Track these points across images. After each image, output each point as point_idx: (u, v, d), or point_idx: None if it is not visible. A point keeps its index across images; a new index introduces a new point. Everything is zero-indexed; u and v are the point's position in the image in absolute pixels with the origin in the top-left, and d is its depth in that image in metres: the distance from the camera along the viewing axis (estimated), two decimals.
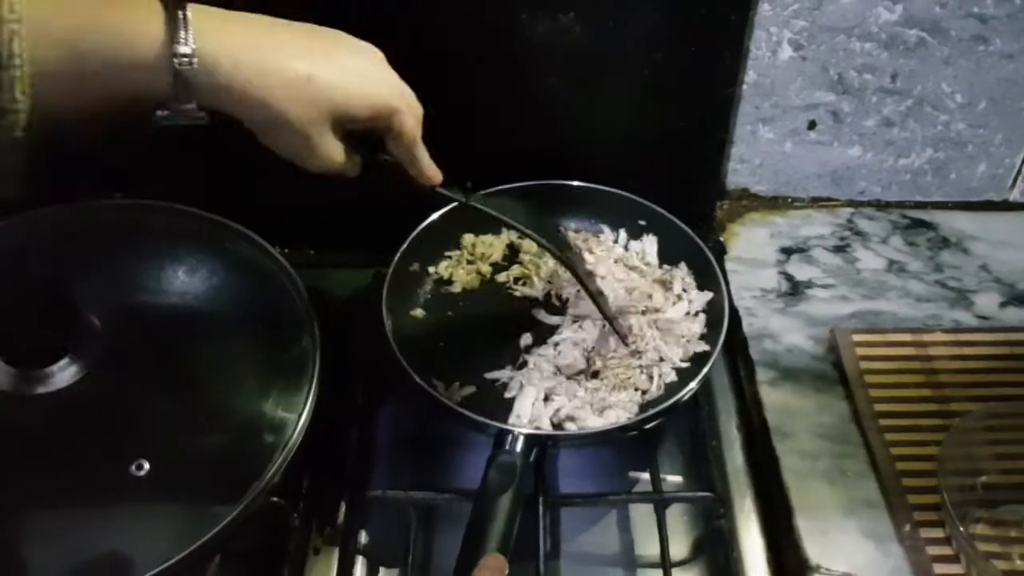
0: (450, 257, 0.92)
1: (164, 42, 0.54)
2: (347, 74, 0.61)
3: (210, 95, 0.57)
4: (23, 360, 0.64)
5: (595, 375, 0.83)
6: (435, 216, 0.90)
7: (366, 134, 0.65)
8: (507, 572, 0.62)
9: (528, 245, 0.94)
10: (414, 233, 0.88)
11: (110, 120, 0.56)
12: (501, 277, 0.92)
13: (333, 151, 0.63)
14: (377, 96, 0.62)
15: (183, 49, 0.54)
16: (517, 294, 0.90)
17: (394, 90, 0.64)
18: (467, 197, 0.74)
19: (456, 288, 0.91)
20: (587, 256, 0.92)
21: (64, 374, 0.64)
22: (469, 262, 0.92)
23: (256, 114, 0.59)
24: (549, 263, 0.92)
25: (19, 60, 0.50)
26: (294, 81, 0.58)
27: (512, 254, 0.94)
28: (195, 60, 0.55)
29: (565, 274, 0.88)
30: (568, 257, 0.79)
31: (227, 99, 0.58)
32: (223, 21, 0.58)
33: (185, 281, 0.75)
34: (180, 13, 0.55)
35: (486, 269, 0.92)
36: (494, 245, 0.93)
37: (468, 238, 0.93)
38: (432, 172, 0.69)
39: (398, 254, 0.87)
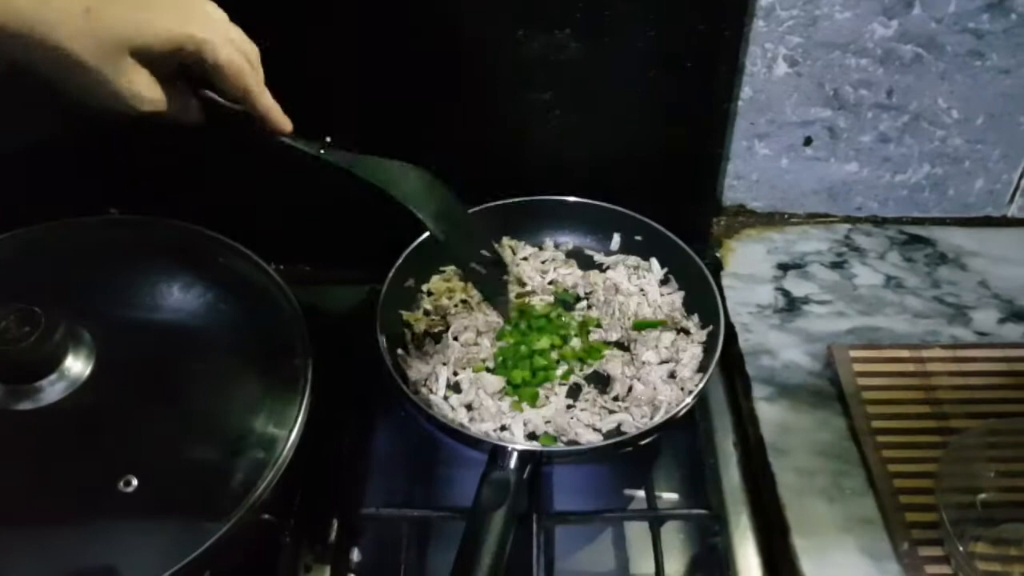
0: (443, 271, 0.92)
1: None
2: (137, 7, 0.56)
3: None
4: (12, 375, 0.63)
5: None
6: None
7: (188, 71, 0.60)
8: None
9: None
10: (408, 249, 0.88)
11: None
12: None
13: (142, 88, 0.58)
14: (172, 27, 0.57)
15: None
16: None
17: (200, 20, 0.59)
18: (319, 150, 0.65)
19: (448, 303, 0.90)
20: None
21: (54, 389, 0.64)
22: (462, 279, 0.92)
23: (35, 55, 0.55)
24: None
25: None
26: (70, 15, 0.54)
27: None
28: None
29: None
30: (456, 253, 0.71)
31: (15, 51, 0.54)
32: None
33: (179, 297, 0.75)
34: None
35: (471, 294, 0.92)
36: None
37: None
38: (276, 117, 0.64)
39: (392, 270, 0.87)
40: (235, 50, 0.60)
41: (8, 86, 0.57)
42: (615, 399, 0.82)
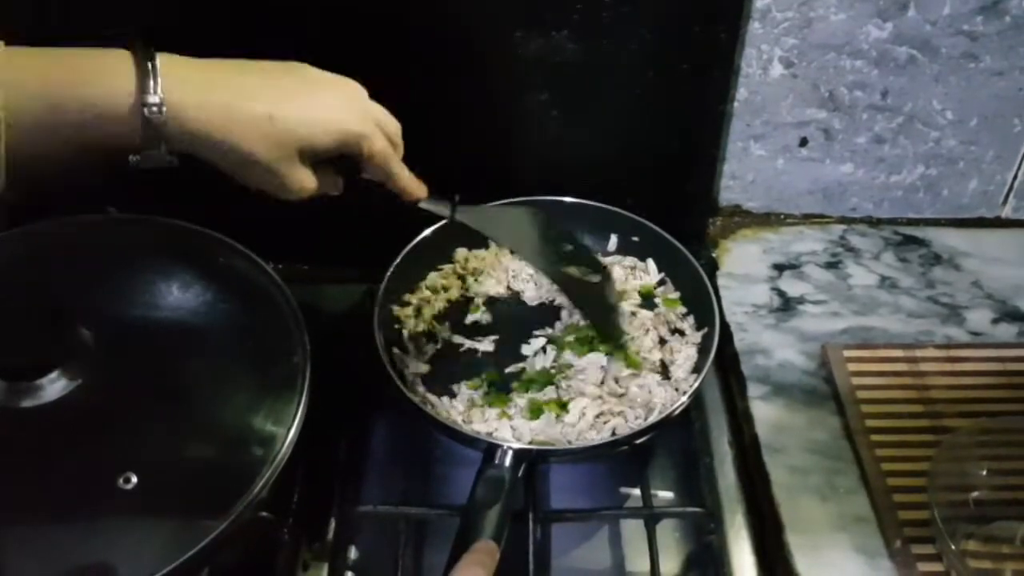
0: (440, 270, 0.93)
1: (134, 92, 0.57)
2: (308, 109, 0.63)
3: (179, 140, 0.59)
4: (12, 373, 0.63)
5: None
6: (428, 232, 0.90)
7: (343, 159, 0.67)
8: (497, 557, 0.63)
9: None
10: (407, 248, 0.89)
11: (86, 167, 0.58)
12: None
13: (304, 181, 0.65)
14: (338, 125, 0.64)
15: (152, 99, 0.57)
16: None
17: (357, 116, 0.66)
18: (453, 212, 0.74)
19: (443, 303, 0.91)
20: None
21: (53, 387, 0.64)
22: (460, 277, 0.92)
23: (224, 156, 0.62)
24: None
25: None
26: (256, 121, 0.61)
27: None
28: (164, 108, 0.57)
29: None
30: (560, 278, 0.78)
31: (195, 143, 0.60)
32: (190, 67, 0.60)
33: (177, 296, 0.75)
34: (149, 64, 0.58)
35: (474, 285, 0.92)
36: (486, 260, 0.93)
37: (461, 252, 0.94)
38: (414, 187, 0.72)
39: (391, 269, 0.87)
40: (384, 139, 0.67)
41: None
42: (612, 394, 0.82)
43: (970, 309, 0.92)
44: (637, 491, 0.81)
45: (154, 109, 0.57)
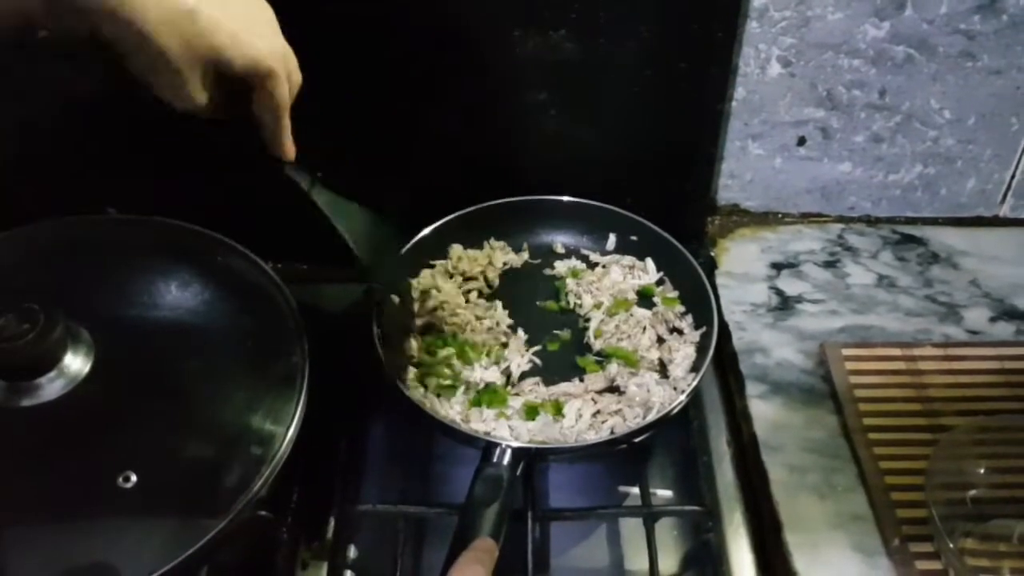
0: (433, 266, 0.93)
1: None
2: (234, 20, 0.58)
3: (85, 17, 0.54)
4: (11, 372, 0.64)
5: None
6: (427, 231, 0.91)
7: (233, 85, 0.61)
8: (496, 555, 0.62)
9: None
10: (405, 248, 0.89)
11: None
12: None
13: (201, 95, 0.59)
14: (258, 51, 0.59)
15: None
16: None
17: (276, 50, 0.61)
18: (311, 187, 0.70)
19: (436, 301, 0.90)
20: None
21: (52, 386, 0.64)
22: (451, 275, 0.93)
23: (132, 41, 0.55)
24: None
25: None
26: (176, 14, 0.55)
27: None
28: None
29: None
30: (378, 288, 0.78)
31: (103, 25, 0.54)
32: None
33: (176, 295, 0.75)
34: None
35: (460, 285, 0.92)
36: (478, 261, 0.94)
37: (456, 249, 0.94)
38: (288, 146, 0.66)
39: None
40: (291, 84, 0.62)
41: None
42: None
43: (968, 308, 0.93)
44: (636, 490, 0.81)
45: None
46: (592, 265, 0.95)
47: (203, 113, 0.61)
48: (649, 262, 0.94)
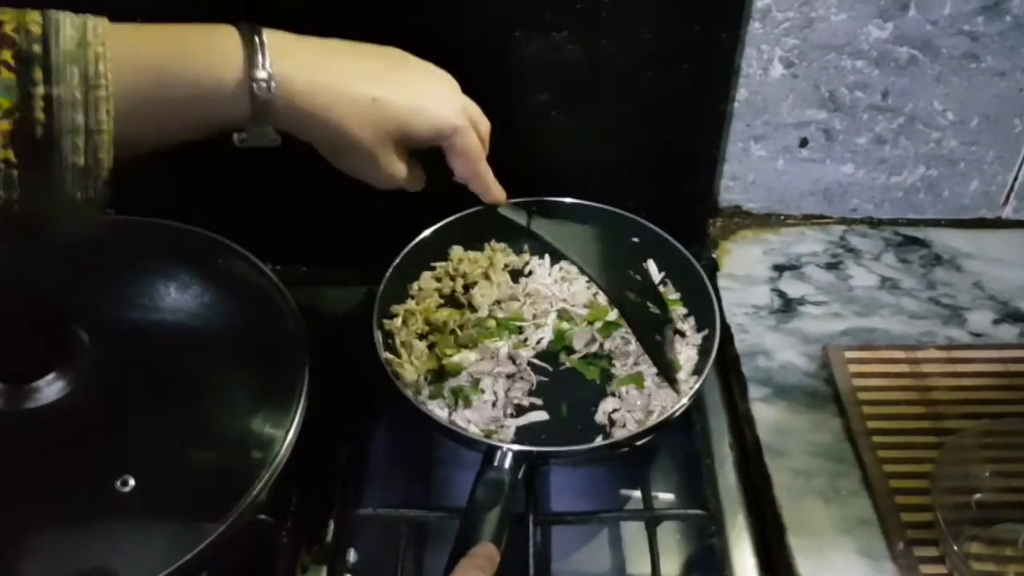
0: (433, 268, 0.92)
1: (242, 66, 0.56)
2: (409, 95, 0.63)
3: (285, 118, 0.58)
4: (10, 375, 0.63)
5: None
6: (427, 232, 0.90)
7: (431, 152, 0.66)
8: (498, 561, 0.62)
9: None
10: (405, 250, 0.88)
11: (188, 143, 0.57)
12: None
13: (397, 169, 0.65)
14: (438, 116, 0.64)
15: (261, 73, 0.56)
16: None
17: (455, 109, 0.65)
18: (529, 221, 0.75)
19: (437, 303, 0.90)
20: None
21: (51, 389, 0.64)
22: (451, 277, 0.92)
23: (327, 135, 0.61)
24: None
25: (104, 81, 0.51)
26: (361, 103, 0.60)
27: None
28: (272, 83, 0.56)
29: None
30: (623, 302, 0.77)
31: (301, 122, 0.59)
32: (296, 45, 0.60)
33: (176, 297, 0.75)
34: (256, 38, 0.57)
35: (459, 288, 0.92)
36: (479, 263, 0.93)
37: (456, 251, 0.93)
38: (496, 191, 0.72)
39: (389, 270, 0.87)
40: (479, 135, 0.67)
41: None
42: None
43: (971, 310, 0.92)
44: (638, 493, 0.81)
45: (263, 84, 0.56)
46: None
47: (410, 186, 0.67)
48: (651, 264, 0.93)
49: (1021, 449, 0.75)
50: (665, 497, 0.82)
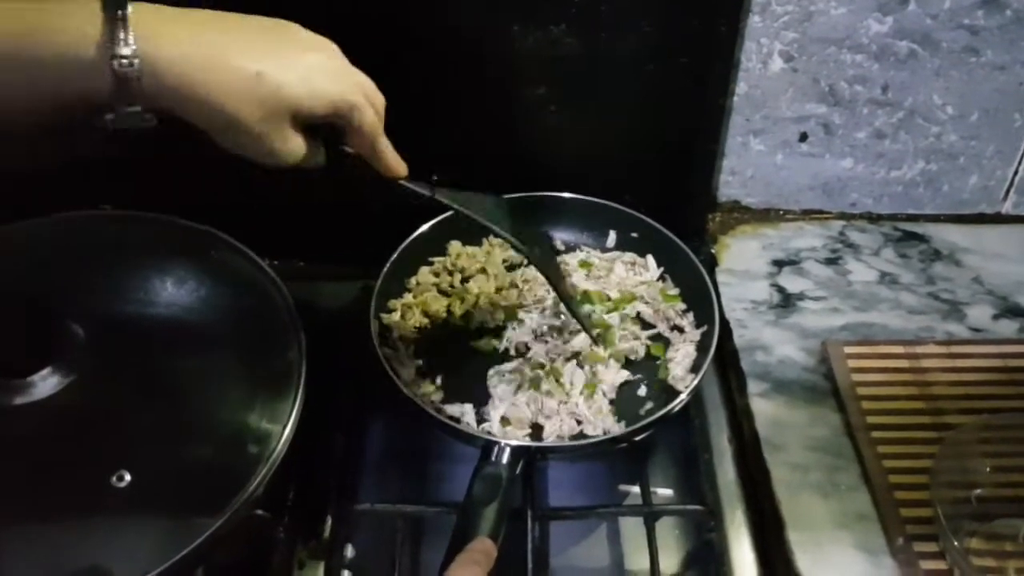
0: (432, 264, 0.92)
1: (102, 43, 0.53)
2: (299, 70, 0.59)
3: (155, 97, 0.55)
4: (4, 370, 0.63)
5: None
6: (425, 227, 0.90)
7: (326, 128, 0.63)
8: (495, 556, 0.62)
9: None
10: (403, 245, 0.88)
11: (60, 128, 0.54)
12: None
13: (292, 147, 0.60)
14: (334, 92, 0.60)
15: (122, 51, 0.53)
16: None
17: (350, 85, 0.62)
18: (432, 191, 0.71)
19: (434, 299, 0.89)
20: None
21: (46, 384, 0.63)
22: (448, 272, 0.92)
23: (205, 115, 0.57)
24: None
25: None
26: (242, 80, 0.56)
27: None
28: (135, 61, 0.53)
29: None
30: (535, 255, 0.77)
31: (173, 101, 0.56)
32: (166, 19, 0.56)
33: (172, 292, 0.74)
34: (119, 12, 0.53)
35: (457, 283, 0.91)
36: (476, 257, 0.93)
37: (454, 246, 0.93)
38: (396, 164, 0.67)
39: (387, 265, 0.86)
40: (374, 111, 0.63)
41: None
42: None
43: (971, 305, 0.92)
44: (636, 488, 0.81)
45: (124, 62, 0.52)
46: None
47: (307, 163, 0.63)
48: (650, 259, 0.93)
49: (1020, 444, 0.75)
50: (664, 492, 0.82)
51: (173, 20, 0.56)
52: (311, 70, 0.59)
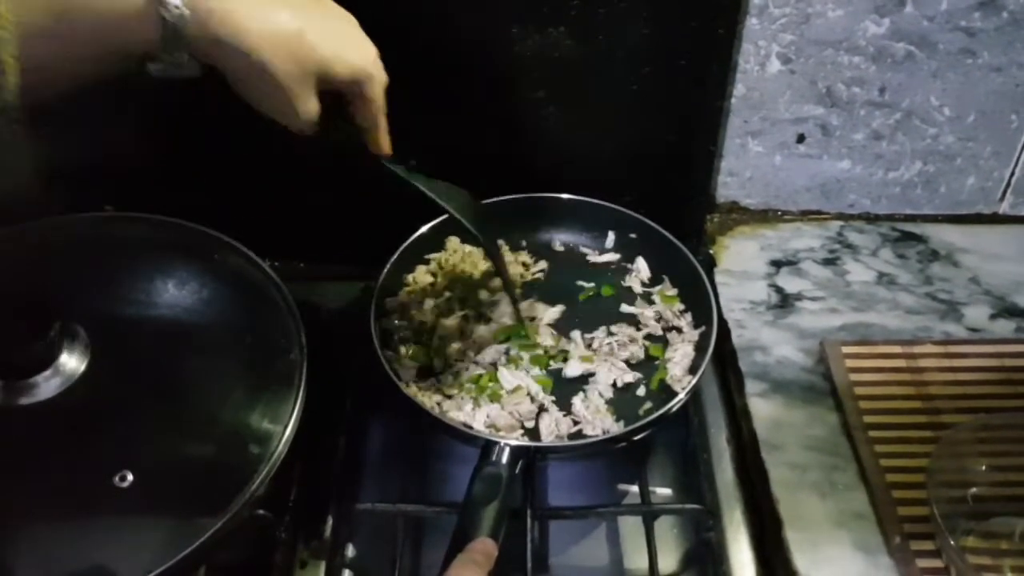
0: (428, 262, 0.92)
1: None
2: (334, 33, 0.61)
3: (200, 45, 0.56)
4: (8, 371, 0.63)
5: None
6: (424, 228, 0.90)
7: (331, 95, 0.64)
8: (496, 556, 0.62)
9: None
10: (403, 245, 0.89)
11: (104, 78, 0.55)
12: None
13: (311, 108, 0.62)
14: (358, 59, 0.62)
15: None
16: None
17: (371, 55, 0.63)
18: (409, 174, 0.73)
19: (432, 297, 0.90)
20: None
21: (49, 385, 0.64)
22: (441, 267, 0.92)
23: (244, 66, 0.58)
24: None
25: (4, 21, 0.49)
26: (284, 34, 0.58)
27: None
28: (185, 10, 0.54)
29: None
30: (492, 249, 0.80)
31: (216, 50, 0.57)
32: None
33: (174, 293, 0.75)
34: None
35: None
36: (474, 254, 0.93)
37: (453, 241, 0.93)
38: (386, 144, 0.69)
39: (387, 266, 0.87)
40: (382, 85, 0.65)
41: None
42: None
43: (968, 305, 0.92)
44: (635, 488, 0.81)
45: (175, 10, 0.54)
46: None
47: (310, 130, 0.64)
48: (648, 260, 0.93)
49: (1017, 443, 0.75)
50: (662, 492, 0.83)
51: None
52: (343, 36, 0.62)
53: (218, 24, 0.56)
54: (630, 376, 0.83)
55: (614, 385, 0.83)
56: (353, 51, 0.62)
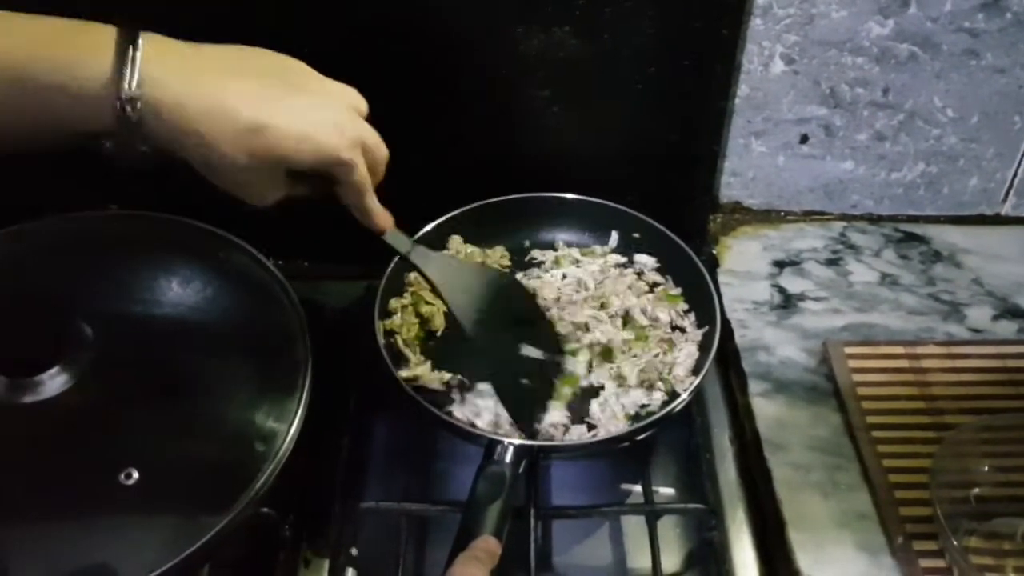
0: None
1: (109, 81, 0.53)
2: (297, 122, 0.59)
3: (153, 135, 0.56)
4: (12, 368, 0.63)
5: None
6: (428, 227, 0.90)
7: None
8: (499, 554, 0.62)
9: None
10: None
11: (63, 148, 0.55)
12: None
13: (275, 190, 0.62)
14: (327, 148, 0.60)
15: (127, 93, 0.53)
16: None
17: (348, 140, 0.62)
18: (410, 251, 0.74)
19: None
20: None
21: (54, 383, 0.64)
22: None
23: (200, 156, 0.58)
24: None
25: None
26: (238, 129, 0.57)
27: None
28: (139, 103, 0.54)
29: None
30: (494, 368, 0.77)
31: (170, 141, 0.56)
32: (172, 59, 0.56)
33: (178, 292, 0.75)
34: (130, 49, 0.54)
35: None
36: (476, 254, 0.93)
37: (455, 241, 0.93)
38: (379, 220, 0.69)
39: (391, 265, 0.87)
40: (365, 169, 0.64)
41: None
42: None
43: (971, 306, 0.92)
44: (638, 488, 0.81)
45: (127, 104, 0.53)
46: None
47: (295, 201, 0.64)
48: (651, 259, 0.93)
49: (1019, 444, 0.75)
50: (665, 491, 0.83)
51: (179, 60, 0.57)
52: (309, 123, 0.60)
53: (172, 119, 0.55)
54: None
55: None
56: (323, 141, 0.60)
